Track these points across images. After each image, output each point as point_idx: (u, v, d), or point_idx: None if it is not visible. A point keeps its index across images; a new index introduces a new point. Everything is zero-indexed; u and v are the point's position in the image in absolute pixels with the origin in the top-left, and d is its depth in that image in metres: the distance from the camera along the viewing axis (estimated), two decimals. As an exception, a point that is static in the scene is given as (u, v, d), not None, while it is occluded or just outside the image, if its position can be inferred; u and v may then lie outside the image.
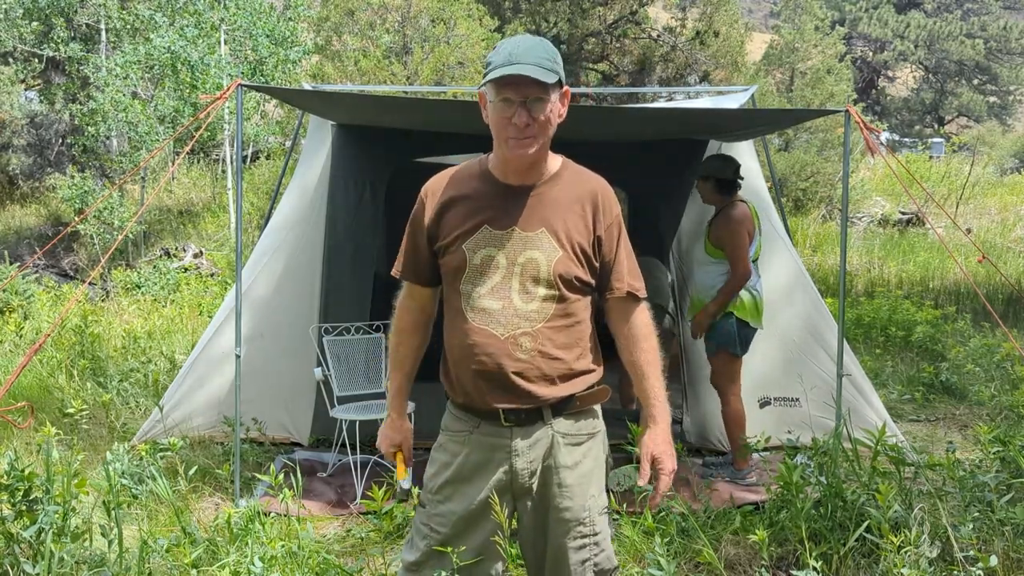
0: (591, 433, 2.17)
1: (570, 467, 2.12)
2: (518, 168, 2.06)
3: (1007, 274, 10.62)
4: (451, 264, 2.08)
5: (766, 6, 43.23)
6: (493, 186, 2.09)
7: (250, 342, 4.70)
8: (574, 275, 2.05)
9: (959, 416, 5.96)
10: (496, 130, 2.01)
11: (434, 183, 2.16)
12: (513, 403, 2.05)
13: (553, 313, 2.04)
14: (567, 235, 2.05)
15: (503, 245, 2.05)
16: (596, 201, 2.10)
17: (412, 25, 12.08)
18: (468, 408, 2.12)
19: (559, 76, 1.99)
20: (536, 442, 2.09)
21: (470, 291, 2.06)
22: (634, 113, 4.86)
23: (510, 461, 2.09)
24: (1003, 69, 27.94)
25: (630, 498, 3.76)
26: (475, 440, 2.12)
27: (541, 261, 2.04)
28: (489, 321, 2.04)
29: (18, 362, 5.99)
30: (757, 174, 5.30)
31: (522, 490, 2.12)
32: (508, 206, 2.07)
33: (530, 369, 2.03)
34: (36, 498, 2.92)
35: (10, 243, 13.23)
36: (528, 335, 2.03)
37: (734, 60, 15.02)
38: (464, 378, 2.08)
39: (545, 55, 1.97)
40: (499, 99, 1.97)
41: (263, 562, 2.97)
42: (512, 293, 2.04)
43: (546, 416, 2.09)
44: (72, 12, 14.34)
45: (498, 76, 1.94)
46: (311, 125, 5.21)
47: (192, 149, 15.39)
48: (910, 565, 2.91)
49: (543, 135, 2.01)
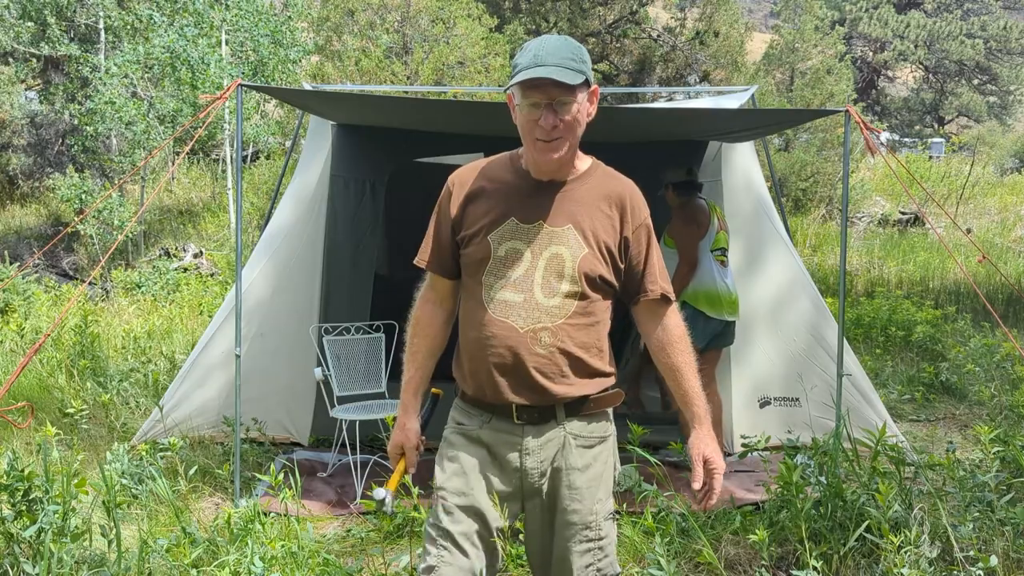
0: (603, 437, 2.15)
1: (580, 469, 2.09)
2: (548, 168, 2.06)
3: (1007, 274, 10.62)
4: (475, 255, 2.05)
5: (766, 6, 43.23)
6: (523, 180, 2.08)
7: (250, 342, 4.70)
8: (598, 274, 2.04)
9: (959, 416, 5.96)
10: (524, 132, 2.01)
11: (463, 173, 2.14)
12: (528, 399, 2.02)
13: (574, 311, 2.02)
14: (594, 233, 2.04)
15: (529, 239, 2.03)
16: (624, 203, 2.08)
17: (412, 25, 12.08)
18: (480, 403, 2.09)
19: (586, 76, 1.97)
20: (548, 441, 2.07)
21: (492, 283, 2.03)
22: (634, 113, 4.86)
23: (521, 459, 2.06)
24: (1003, 69, 27.92)
25: (630, 498, 3.76)
26: (486, 435, 2.09)
27: (566, 257, 2.02)
28: (509, 313, 2.01)
29: (18, 362, 5.99)
30: (757, 174, 5.31)
31: (531, 490, 2.09)
32: (536, 201, 2.06)
33: (548, 365, 2.01)
34: (36, 498, 2.92)
35: (10, 243, 13.23)
36: (548, 330, 2.00)
37: (734, 60, 15.01)
38: (479, 370, 2.05)
39: (571, 55, 1.96)
40: (526, 102, 1.97)
41: (263, 562, 2.97)
42: (535, 287, 2.01)
43: (559, 416, 2.07)
44: (70, 11, 14.34)
45: (523, 79, 1.93)
46: (311, 125, 5.21)
47: (192, 149, 15.39)
48: (910, 565, 2.91)
49: (571, 136, 2.00)
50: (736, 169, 5.23)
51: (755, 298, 5.10)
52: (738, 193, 5.21)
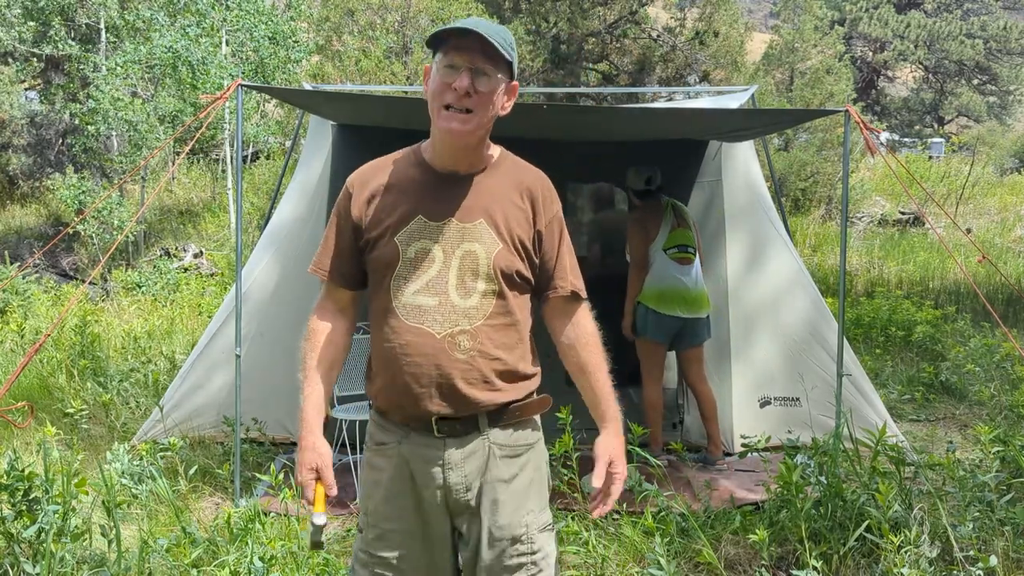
0: (529, 444, 2.00)
1: (506, 480, 1.94)
2: (453, 150, 1.90)
3: (1007, 274, 10.62)
4: (381, 259, 1.91)
5: (766, 6, 43.23)
6: (428, 174, 1.94)
7: (250, 342, 4.70)
8: (515, 269, 1.91)
9: (959, 416, 5.96)
10: (432, 98, 1.86)
11: (363, 172, 2.01)
12: (448, 409, 1.87)
13: (493, 310, 1.89)
14: (507, 227, 1.91)
15: (439, 237, 1.89)
16: (535, 194, 1.96)
17: (412, 25, 12.09)
18: (396, 417, 1.94)
19: (513, 61, 1.86)
20: (471, 454, 1.92)
21: (402, 287, 1.88)
22: (634, 113, 4.86)
23: (444, 474, 1.91)
24: (1003, 69, 27.92)
25: (630, 498, 3.76)
26: (404, 452, 1.93)
27: (480, 254, 1.88)
28: (424, 319, 1.87)
29: (18, 362, 5.99)
30: (757, 174, 5.31)
31: (458, 506, 1.93)
32: (444, 195, 1.91)
33: (469, 371, 1.86)
34: (36, 498, 2.92)
35: (10, 243, 13.24)
36: (467, 333, 1.86)
37: (734, 60, 15.01)
38: (394, 383, 1.90)
39: (504, 35, 1.86)
40: (444, 62, 1.84)
41: (263, 562, 2.97)
42: (449, 288, 1.87)
43: (482, 426, 1.92)
44: (71, 11, 14.35)
45: (448, 29, 1.81)
46: (311, 125, 5.21)
47: (192, 149, 15.39)
48: (910, 565, 2.92)
49: (482, 112, 1.85)
50: (736, 169, 5.23)
51: (755, 298, 5.10)
52: (738, 193, 5.21)
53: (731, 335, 5.06)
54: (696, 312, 4.69)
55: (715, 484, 4.27)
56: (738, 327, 5.07)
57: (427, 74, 1.91)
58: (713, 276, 5.05)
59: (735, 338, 5.06)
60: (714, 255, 5.13)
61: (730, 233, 5.16)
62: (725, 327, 5.04)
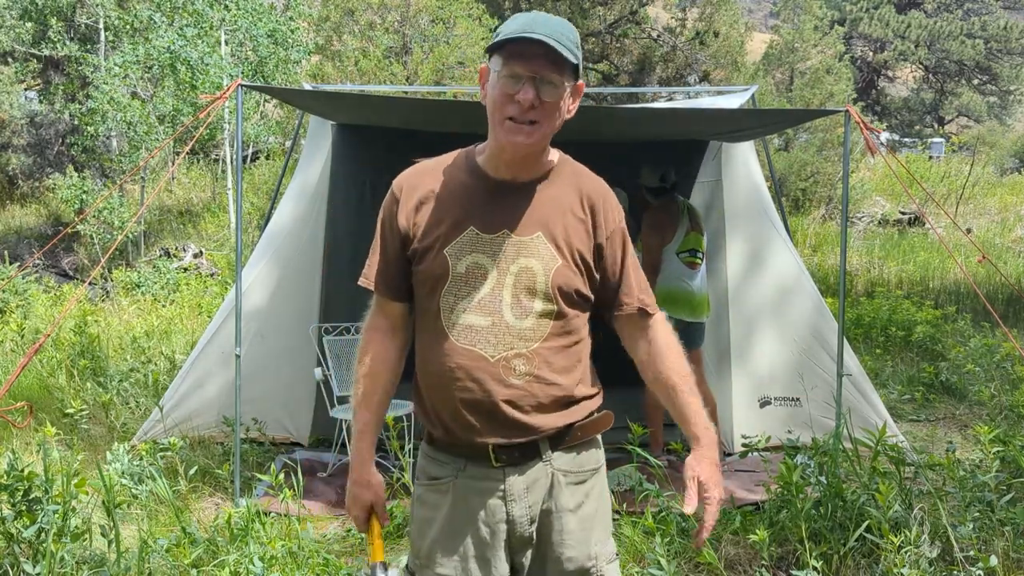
0: (595, 468, 1.87)
1: (572, 510, 1.81)
2: (512, 160, 1.75)
3: (1007, 274, 10.62)
4: (429, 272, 1.76)
5: (766, 6, 43.23)
6: (482, 181, 1.78)
7: (250, 342, 4.70)
8: (575, 288, 1.76)
9: (959, 416, 5.96)
10: (494, 108, 1.70)
11: (410, 175, 1.85)
12: (505, 437, 1.73)
13: (551, 331, 1.74)
14: (567, 241, 1.76)
15: (493, 251, 1.74)
16: (596, 205, 1.80)
17: (412, 25, 12.09)
18: (450, 448, 1.79)
19: (578, 62, 1.68)
20: (534, 482, 1.78)
21: (453, 305, 1.74)
22: (634, 113, 4.86)
23: (507, 508, 1.76)
24: (1003, 69, 27.92)
25: (630, 498, 3.76)
26: (461, 486, 1.78)
27: (538, 271, 1.73)
28: (476, 340, 1.72)
29: (18, 362, 5.99)
30: (757, 174, 5.31)
31: (521, 541, 1.79)
32: (499, 205, 1.76)
33: (524, 396, 1.72)
34: (36, 498, 2.92)
35: (10, 243, 13.23)
36: (523, 357, 1.72)
37: (734, 60, 15.02)
38: (445, 409, 1.76)
39: (567, 34, 1.68)
40: (505, 71, 1.67)
41: (263, 562, 2.97)
42: (503, 307, 1.73)
43: (543, 451, 1.78)
44: (70, 12, 14.35)
45: (510, 38, 1.65)
46: (311, 125, 5.21)
47: (192, 149, 15.39)
48: (910, 565, 2.92)
49: (547, 123, 1.70)
50: (736, 169, 5.23)
51: (755, 298, 5.10)
52: (738, 193, 5.21)
53: (731, 335, 5.06)
54: (698, 317, 4.68)
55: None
56: (738, 327, 5.07)
57: (483, 76, 1.77)
58: (713, 276, 5.05)
59: (735, 338, 5.06)
60: (714, 255, 5.13)
61: (730, 233, 5.16)
62: (725, 327, 5.05)
